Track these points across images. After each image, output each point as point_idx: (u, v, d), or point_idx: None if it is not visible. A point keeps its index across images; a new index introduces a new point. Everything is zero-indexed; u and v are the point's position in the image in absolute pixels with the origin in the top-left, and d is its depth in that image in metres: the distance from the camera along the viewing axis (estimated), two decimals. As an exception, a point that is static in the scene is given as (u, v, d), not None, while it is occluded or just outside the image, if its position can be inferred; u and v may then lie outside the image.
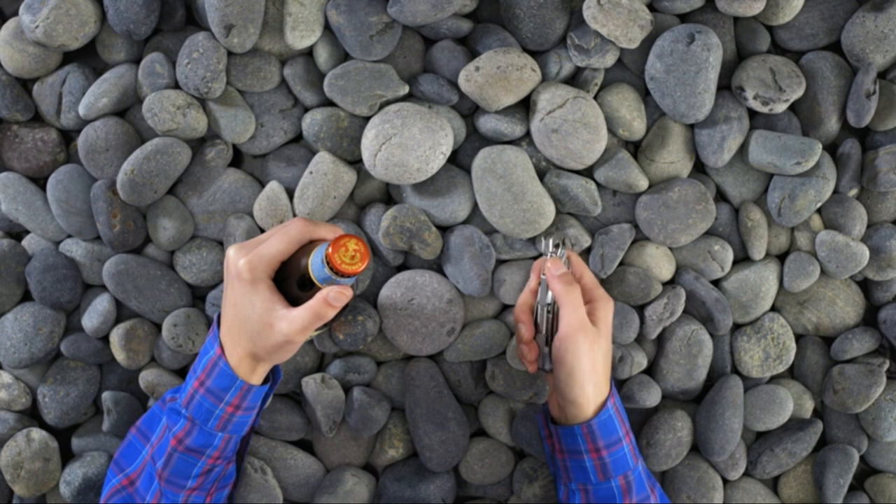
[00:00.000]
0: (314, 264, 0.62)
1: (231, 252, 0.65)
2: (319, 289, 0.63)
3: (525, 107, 0.80)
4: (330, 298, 0.62)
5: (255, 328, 0.64)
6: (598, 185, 0.81)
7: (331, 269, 0.61)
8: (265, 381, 0.70)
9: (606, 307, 0.73)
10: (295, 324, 0.63)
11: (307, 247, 0.65)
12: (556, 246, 0.76)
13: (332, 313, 0.63)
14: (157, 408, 0.72)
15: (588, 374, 0.68)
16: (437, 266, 0.82)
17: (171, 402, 0.69)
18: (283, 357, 0.66)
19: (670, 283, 0.84)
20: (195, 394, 0.66)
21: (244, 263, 0.63)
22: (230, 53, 0.77)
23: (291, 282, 0.65)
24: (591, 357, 0.69)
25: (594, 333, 0.70)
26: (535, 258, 0.83)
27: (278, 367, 0.73)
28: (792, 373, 0.88)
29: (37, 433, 0.81)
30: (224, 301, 0.67)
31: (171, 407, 0.68)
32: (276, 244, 0.64)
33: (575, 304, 0.70)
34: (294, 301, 0.65)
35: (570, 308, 0.69)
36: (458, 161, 0.81)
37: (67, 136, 0.81)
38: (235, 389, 0.65)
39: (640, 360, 0.82)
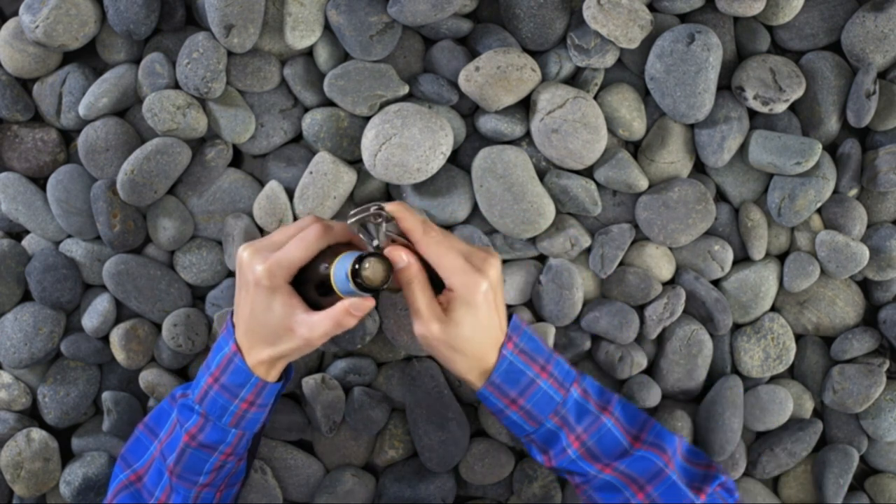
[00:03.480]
0: (338, 276, 0.62)
1: (245, 255, 0.65)
2: (339, 296, 0.64)
3: (525, 107, 0.80)
4: (352, 309, 0.63)
5: (275, 332, 0.64)
6: (598, 185, 0.81)
7: (355, 283, 0.61)
8: (278, 377, 0.70)
9: (466, 282, 0.64)
10: (316, 330, 0.63)
11: (324, 251, 0.65)
12: (369, 223, 0.65)
13: (353, 323, 0.63)
14: (165, 404, 0.72)
15: (454, 359, 0.65)
16: (437, 266, 0.82)
17: (182, 398, 0.69)
18: (300, 355, 0.67)
19: (670, 283, 0.84)
20: (209, 390, 0.66)
21: (263, 270, 0.63)
22: (230, 53, 0.77)
23: (310, 286, 0.65)
24: (443, 349, 0.65)
25: (441, 325, 0.64)
26: (534, 258, 0.83)
27: (290, 365, 0.74)
28: (792, 373, 0.88)
29: (37, 433, 0.81)
30: (239, 304, 0.67)
31: (183, 403, 0.68)
32: (294, 251, 0.64)
33: (415, 300, 0.64)
34: (312, 304, 0.65)
35: (411, 305, 0.65)
36: (458, 161, 0.81)
37: (67, 136, 0.81)
38: (251, 386, 0.65)
39: (640, 360, 0.82)
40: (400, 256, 0.64)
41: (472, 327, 0.64)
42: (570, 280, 0.80)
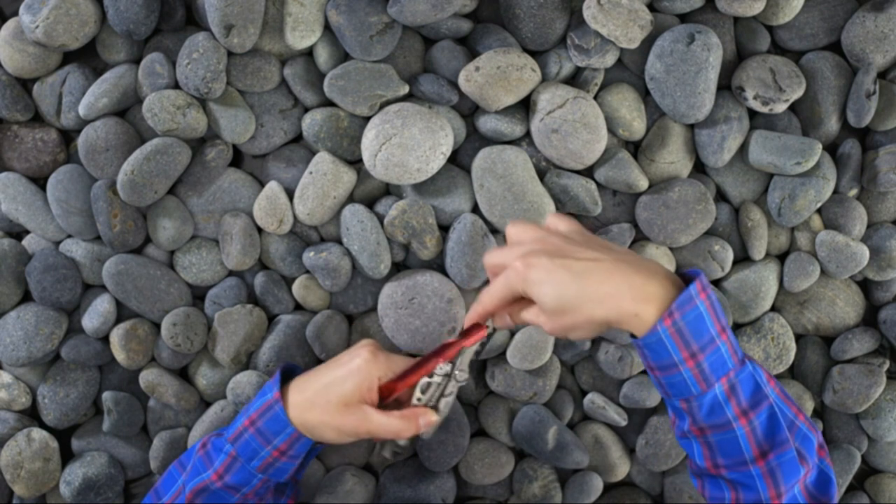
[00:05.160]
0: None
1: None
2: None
3: (525, 107, 0.80)
4: (420, 421, 0.67)
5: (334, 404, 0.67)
6: (598, 185, 0.81)
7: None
8: None
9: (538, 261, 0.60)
10: (372, 421, 0.66)
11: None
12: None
13: (410, 432, 0.67)
14: (197, 443, 0.72)
15: (587, 314, 0.58)
16: (438, 265, 0.82)
17: (215, 437, 0.70)
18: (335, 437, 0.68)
19: (670, 283, 0.84)
20: (244, 431, 0.67)
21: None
22: (230, 53, 0.77)
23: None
24: (574, 325, 0.59)
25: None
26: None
27: None
28: (792, 373, 0.88)
29: (37, 433, 0.81)
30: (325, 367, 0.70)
31: (215, 442, 0.69)
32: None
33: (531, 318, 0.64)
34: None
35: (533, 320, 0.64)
36: (458, 161, 0.81)
37: (67, 136, 0.81)
38: (285, 435, 0.66)
39: (641, 361, 0.82)
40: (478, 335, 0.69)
41: (566, 292, 0.58)
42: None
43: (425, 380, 0.68)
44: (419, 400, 0.68)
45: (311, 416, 0.66)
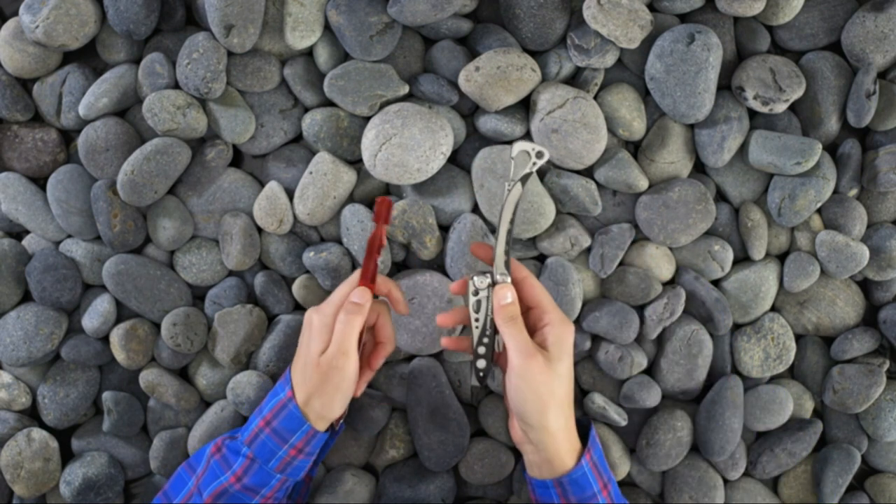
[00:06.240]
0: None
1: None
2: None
3: (525, 107, 0.80)
4: (353, 297, 0.68)
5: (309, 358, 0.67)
6: (598, 185, 0.81)
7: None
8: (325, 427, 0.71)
9: (562, 330, 0.67)
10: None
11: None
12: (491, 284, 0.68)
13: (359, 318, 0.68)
14: (208, 445, 0.72)
15: (547, 399, 0.65)
16: (438, 265, 0.82)
17: (229, 440, 0.70)
18: (334, 387, 0.67)
19: (670, 283, 0.84)
20: (260, 433, 0.67)
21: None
22: (230, 53, 0.77)
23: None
24: (545, 382, 0.65)
25: (545, 359, 0.65)
26: (535, 258, 0.83)
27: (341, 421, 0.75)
28: (792, 373, 0.88)
29: (37, 433, 0.81)
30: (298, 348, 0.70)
31: (231, 445, 0.69)
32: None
33: (516, 335, 0.66)
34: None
35: (512, 340, 0.65)
36: (459, 161, 0.81)
37: (67, 136, 0.81)
38: (302, 433, 0.67)
39: (640, 360, 0.82)
40: (506, 294, 0.67)
41: (568, 367, 0.67)
42: (566, 276, 0.80)
43: (473, 298, 0.68)
44: (476, 321, 0.68)
45: (315, 402, 0.66)
